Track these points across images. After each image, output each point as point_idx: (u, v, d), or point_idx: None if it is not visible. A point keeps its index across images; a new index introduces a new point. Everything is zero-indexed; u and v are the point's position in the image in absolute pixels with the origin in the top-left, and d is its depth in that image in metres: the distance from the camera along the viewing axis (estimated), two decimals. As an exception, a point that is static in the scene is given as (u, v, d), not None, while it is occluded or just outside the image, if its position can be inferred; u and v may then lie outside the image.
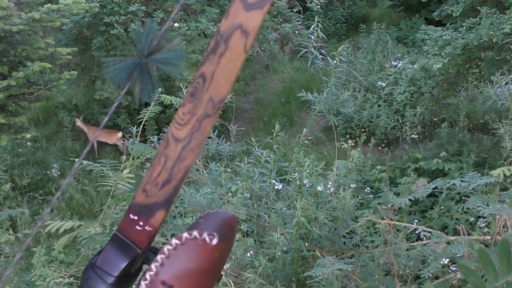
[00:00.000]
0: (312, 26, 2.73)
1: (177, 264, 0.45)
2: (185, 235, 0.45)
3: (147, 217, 0.48)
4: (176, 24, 6.03)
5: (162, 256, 0.45)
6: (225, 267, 2.48)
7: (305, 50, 2.73)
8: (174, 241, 0.45)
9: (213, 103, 0.46)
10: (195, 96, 0.46)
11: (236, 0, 0.45)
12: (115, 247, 0.48)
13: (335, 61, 2.73)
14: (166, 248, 0.45)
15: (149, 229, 0.47)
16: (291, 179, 3.17)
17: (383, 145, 5.87)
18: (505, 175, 1.83)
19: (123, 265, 0.47)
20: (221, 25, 0.45)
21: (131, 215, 0.48)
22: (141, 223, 0.48)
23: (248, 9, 0.45)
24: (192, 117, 0.46)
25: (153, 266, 0.45)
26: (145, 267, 0.49)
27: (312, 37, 2.71)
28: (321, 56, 2.77)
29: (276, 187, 3.00)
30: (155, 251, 0.49)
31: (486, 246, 2.29)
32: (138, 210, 0.48)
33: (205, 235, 0.45)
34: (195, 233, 0.45)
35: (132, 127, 2.42)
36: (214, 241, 0.45)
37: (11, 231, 4.22)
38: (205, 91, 0.46)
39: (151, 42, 0.49)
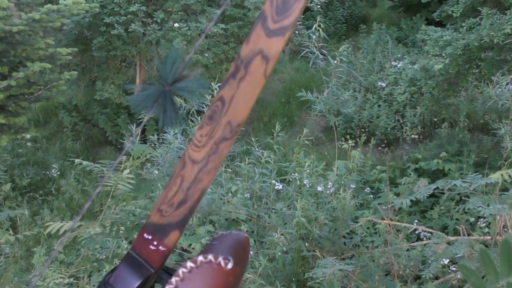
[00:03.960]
0: (314, 26, 2.73)
1: (191, 287, 0.45)
2: (200, 258, 0.45)
3: (161, 237, 0.48)
4: (176, 24, 6.03)
5: (177, 278, 0.45)
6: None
7: (307, 50, 2.73)
8: (189, 264, 0.46)
9: (231, 126, 0.46)
10: (213, 119, 0.47)
11: (257, 26, 0.45)
12: (128, 266, 0.48)
13: (335, 61, 2.73)
14: (181, 271, 0.45)
15: (163, 249, 0.48)
16: (291, 180, 3.16)
17: (383, 145, 5.87)
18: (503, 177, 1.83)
19: (136, 284, 0.47)
20: (241, 50, 0.46)
21: (145, 235, 0.48)
22: (155, 243, 0.48)
23: (269, 36, 0.45)
24: (210, 139, 0.47)
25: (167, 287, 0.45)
26: (157, 286, 0.49)
27: (314, 36, 2.71)
28: (322, 56, 2.77)
29: (276, 187, 3.00)
30: (168, 271, 0.49)
31: (486, 246, 2.29)
32: (152, 229, 0.48)
33: (220, 258, 0.45)
34: (210, 256, 0.45)
35: (132, 127, 2.42)
36: (229, 265, 0.45)
37: (11, 231, 4.22)
38: (223, 115, 0.46)
39: (176, 70, 0.49)
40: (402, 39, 8.74)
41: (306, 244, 2.59)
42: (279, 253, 2.56)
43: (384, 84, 6.49)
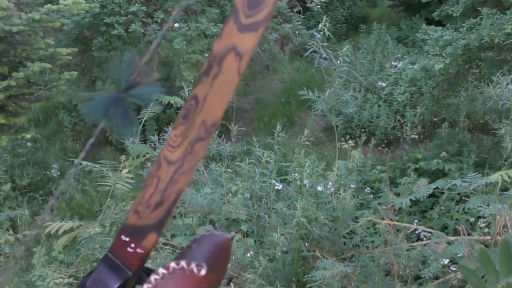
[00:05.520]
0: (320, 25, 2.73)
1: None
2: (173, 264, 0.45)
3: (139, 239, 0.47)
4: (176, 25, 6.03)
5: (149, 285, 0.44)
6: (225, 267, 2.47)
7: (312, 49, 2.73)
8: (161, 270, 0.45)
9: (205, 126, 0.45)
10: (187, 119, 0.45)
11: (230, 21, 0.44)
12: (106, 269, 0.47)
13: (338, 61, 2.73)
14: (153, 278, 0.45)
15: (140, 251, 0.47)
16: (291, 180, 3.16)
17: (383, 145, 5.86)
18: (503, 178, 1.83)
19: (114, 287, 0.46)
20: (214, 46, 0.44)
21: (123, 237, 0.47)
22: (132, 245, 0.47)
23: (242, 31, 0.44)
24: (185, 139, 0.45)
25: None
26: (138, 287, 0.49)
27: (318, 36, 2.71)
28: (324, 55, 2.77)
29: (276, 187, 3.00)
30: (148, 272, 0.49)
31: (486, 246, 2.29)
32: (130, 231, 0.47)
33: (193, 265, 0.44)
34: (182, 263, 0.44)
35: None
36: (202, 272, 0.44)
37: (11, 231, 4.22)
38: (197, 114, 0.45)
39: (129, 76, 0.48)
40: (402, 39, 8.73)
41: (306, 244, 2.59)
42: (279, 253, 2.56)
43: (384, 84, 6.49)
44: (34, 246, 4.01)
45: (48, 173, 5.68)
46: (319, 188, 2.89)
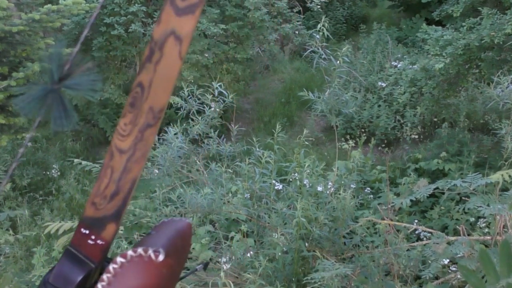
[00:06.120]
0: (319, 25, 2.73)
1: (124, 282, 0.44)
2: (130, 252, 0.45)
3: (98, 230, 0.47)
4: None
5: (108, 275, 0.45)
6: (225, 267, 2.48)
7: (311, 49, 2.73)
8: (119, 259, 0.45)
9: (153, 112, 0.45)
10: (135, 106, 0.45)
11: (166, 5, 0.44)
12: (68, 263, 0.47)
13: (338, 61, 2.73)
14: (111, 267, 0.45)
15: (101, 242, 0.47)
16: (291, 180, 3.16)
17: (383, 145, 5.86)
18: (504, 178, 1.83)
19: (77, 280, 0.46)
20: (154, 32, 0.44)
21: (82, 229, 0.47)
22: (93, 237, 0.47)
23: (179, 14, 0.44)
24: (134, 127, 0.46)
25: (99, 285, 0.44)
26: None
27: (318, 36, 2.71)
28: (323, 56, 2.77)
29: (276, 187, 3.00)
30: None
31: (486, 246, 2.29)
32: (89, 224, 0.47)
33: (150, 251, 0.44)
34: (140, 250, 0.45)
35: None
36: (160, 258, 0.44)
37: (11, 231, 4.22)
38: (144, 101, 0.45)
39: (62, 66, 0.47)
40: (402, 39, 8.74)
41: (306, 244, 2.59)
42: (279, 253, 2.56)
43: (384, 84, 6.49)
44: (34, 246, 4.01)
45: (48, 173, 5.68)
46: (319, 188, 2.89)
